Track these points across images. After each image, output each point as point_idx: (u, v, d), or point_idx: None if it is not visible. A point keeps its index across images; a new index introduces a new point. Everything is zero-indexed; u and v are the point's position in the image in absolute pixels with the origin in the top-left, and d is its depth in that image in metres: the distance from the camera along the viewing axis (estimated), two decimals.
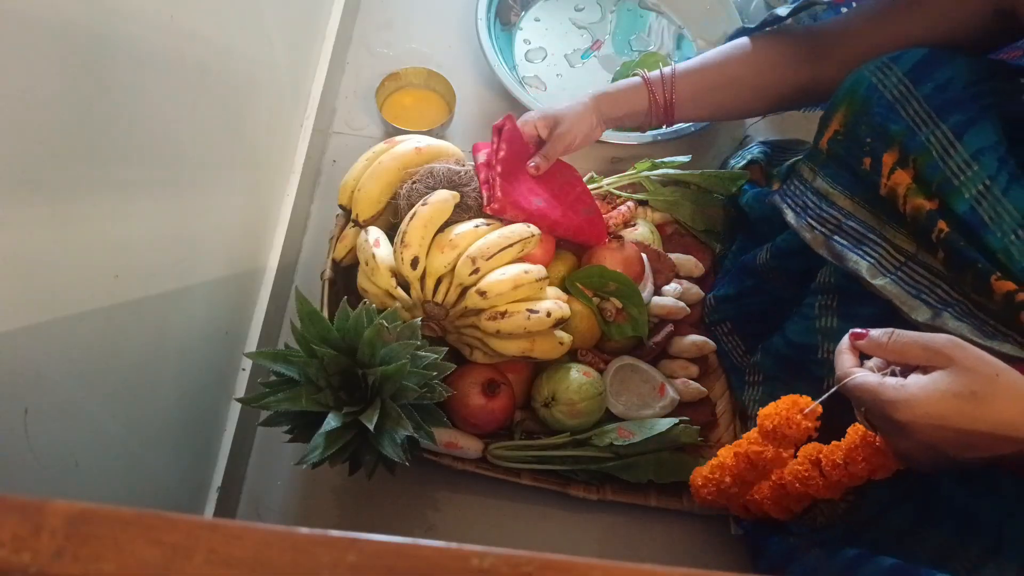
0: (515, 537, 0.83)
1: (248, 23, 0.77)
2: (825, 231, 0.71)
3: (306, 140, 0.99)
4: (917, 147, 0.63)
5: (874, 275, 0.66)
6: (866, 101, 0.66)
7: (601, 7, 1.23)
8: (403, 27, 1.18)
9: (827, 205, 0.71)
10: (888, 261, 0.67)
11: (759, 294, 0.84)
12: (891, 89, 0.65)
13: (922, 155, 0.63)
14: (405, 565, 0.27)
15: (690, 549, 0.83)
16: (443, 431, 0.78)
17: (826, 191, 0.71)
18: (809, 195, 0.73)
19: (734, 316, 0.88)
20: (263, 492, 0.85)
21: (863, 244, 0.68)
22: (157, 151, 0.61)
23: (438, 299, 0.77)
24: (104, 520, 0.26)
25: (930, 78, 0.64)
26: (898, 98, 0.65)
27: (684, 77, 0.85)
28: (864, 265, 0.67)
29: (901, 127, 0.64)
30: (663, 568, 0.28)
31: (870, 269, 0.67)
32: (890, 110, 0.65)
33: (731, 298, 0.87)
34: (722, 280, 0.91)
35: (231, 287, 0.82)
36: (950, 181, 0.61)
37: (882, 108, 0.65)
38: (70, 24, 0.47)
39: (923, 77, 0.64)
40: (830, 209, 0.71)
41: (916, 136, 0.63)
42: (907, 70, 0.65)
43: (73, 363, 0.53)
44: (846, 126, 0.68)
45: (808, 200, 0.73)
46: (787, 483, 0.66)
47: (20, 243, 0.45)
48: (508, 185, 0.80)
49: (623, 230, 0.93)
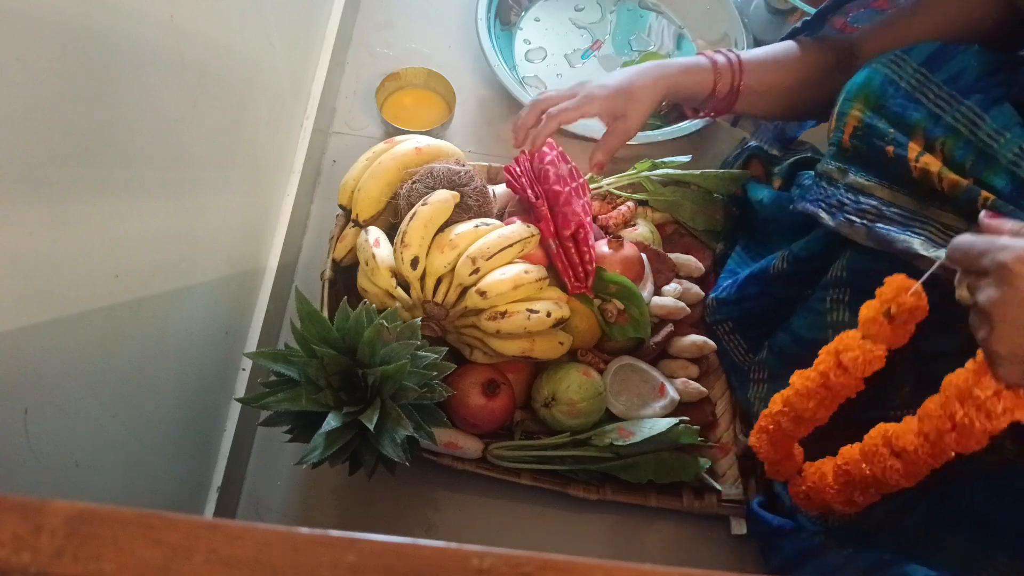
0: (515, 537, 0.83)
1: (248, 23, 0.77)
2: (866, 222, 0.69)
3: (306, 140, 0.99)
4: (944, 130, 0.63)
5: (927, 248, 0.64)
6: (882, 93, 0.66)
7: (601, 7, 1.23)
8: (403, 27, 1.18)
9: (865, 198, 0.69)
10: (938, 237, 0.65)
11: (762, 297, 0.84)
12: (908, 79, 0.65)
13: (950, 137, 0.62)
14: (405, 565, 0.27)
15: (690, 549, 0.83)
16: (443, 431, 0.78)
17: (861, 185, 0.70)
18: (842, 193, 0.71)
19: (735, 316, 0.88)
20: (263, 492, 0.85)
21: (909, 227, 0.66)
22: (157, 151, 0.61)
23: (438, 299, 0.77)
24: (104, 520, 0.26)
25: (945, 67, 0.64)
26: (916, 87, 0.64)
27: (750, 68, 0.83)
28: (916, 241, 0.65)
29: (922, 114, 0.64)
30: (663, 568, 0.28)
31: (923, 244, 0.65)
32: (909, 99, 0.65)
33: (732, 301, 0.87)
34: (724, 283, 0.90)
35: (231, 287, 0.82)
36: (984, 152, 0.61)
37: (900, 98, 0.65)
38: (70, 23, 0.47)
39: (938, 66, 0.64)
40: (869, 201, 0.69)
41: (940, 120, 0.63)
42: (922, 60, 0.65)
43: (73, 363, 0.53)
44: (864, 120, 0.68)
45: (843, 198, 0.71)
46: (852, 465, 0.61)
47: (20, 243, 0.45)
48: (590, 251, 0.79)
49: (623, 230, 0.93)
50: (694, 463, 0.81)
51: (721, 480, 0.83)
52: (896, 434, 0.57)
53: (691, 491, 0.82)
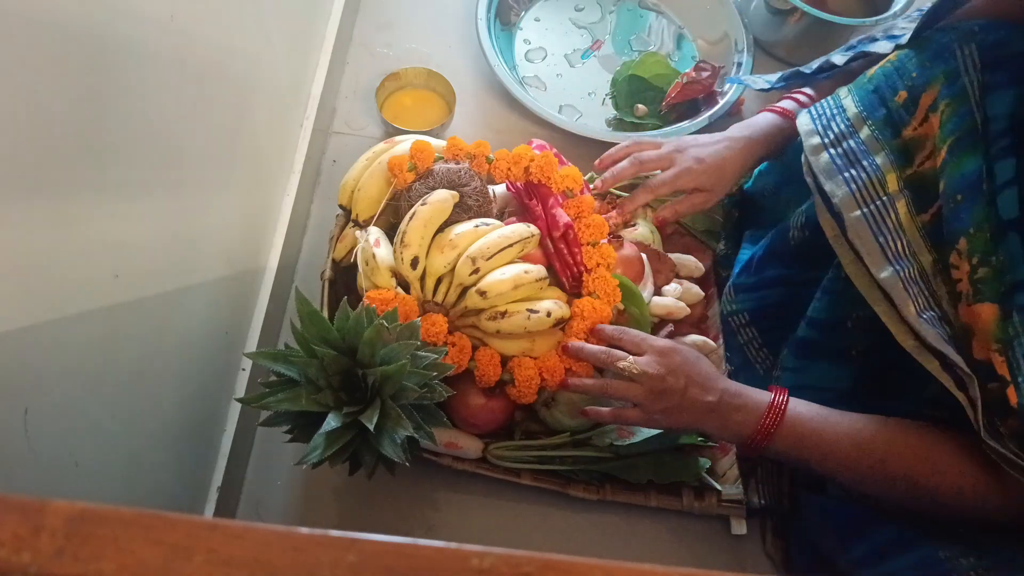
0: (515, 537, 0.83)
1: (248, 23, 0.77)
2: (825, 142, 0.69)
3: (306, 140, 0.99)
4: (954, 92, 0.63)
5: (849, 207, 0.65)
6: (928, 39, 0.67)
7: (601, 7, 1.23)
8: (403, 27, 1.18)
9: (841, 119, 0.70)
10: (868, 192, 0.66)
11: (779, 284, 0.83)
12: (960, 31, 0.65)
13: (955, 100, 0.62)
14: (405, 565, 0.27)
15: (690, 549, 0.83)
16: (443, 431, 0.78)
17: (847, 106, 0.70)
18: (831, 106, 0.72)
19: (752, 307, 0.87)
20: (263, 492, 0.85)
21: (853, 167, 0.67)
22: (157, 151, 0.61)
23: (438, 299, 0.77)
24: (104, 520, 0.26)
25: (993, 32, 0.64)
26: (959, 39, 0.64)
27: None
28: (840, 194, 0.66)
29: (950, 67, 0.64)
30: (663, 568, 0.28)
31: (846, 198, 0.66)
32: (945, 49, 0.65)
33: (751, 287, 0.87)
34: (740, 268, 0.90)
35: (231, 287, 0.82)
36: (973, 130, 0.61)
37: (939, 46, 0.65)
38: (70, 23, 0.47)
39: (989, 29, 0.64)
40: (842, 124, 0.70)
41: (958, 80, 0.63)
42: (981, 25, 0.65)
43: (73, 363, 0.53)
44: (899, 59, 0.68)
45: (829, 110, 0.72)
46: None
47: (20, 243, 0.45)
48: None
49: (623, 230, 0.93)
50: (694, 463, 0.81)
51: (721, 480, 0.83)
52: None
53: (691, 491, 0.82)
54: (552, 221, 0.82)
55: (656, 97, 1.10)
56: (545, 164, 0.83)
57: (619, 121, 1.11)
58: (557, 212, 0.82)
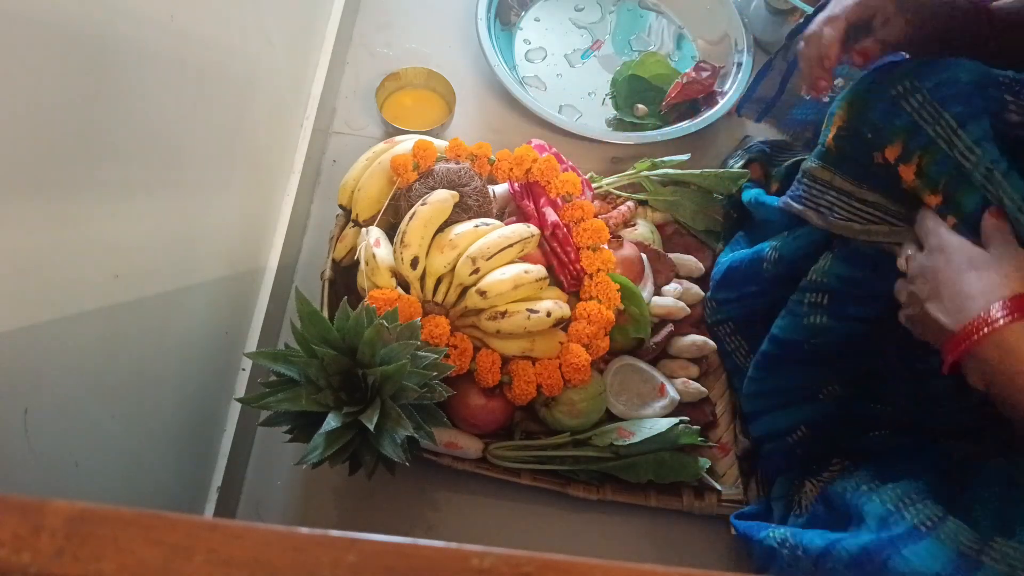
0: (515, 537, 0.83)
1: (248, 23, 0.77)
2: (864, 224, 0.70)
3: (306, 140, 0.99)
4: (923, 142, 0.62)
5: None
6: (866, 100, 0.66)
7: (601, 7, 1.23)
8: (403, 27, 1.18)
9: (858, 202, 0.70)
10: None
11: (761, 296, 0.84)
12: (895, 85, 0.64)
13: (929, 150, 0.62)
14: (405, 565, 0.27)
15: (690, 549, 0.83)
16: (443, 431, 0.78)
17: (850, 190, 0.70)
18: (832, 194, 0.71)
19: (736, 316, 0.87)
20: (263, 492, 0.85)
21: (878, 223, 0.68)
22: (157, 151, 0.61)
23: (438, 299, 0.77)
24: (104, 520, 0.26)
25: (934, 73, 0.63)
26: (901, 93, 0.64)
27: None
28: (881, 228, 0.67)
29: (904, 121, 0.63)
30: (663, 568, 0.28)
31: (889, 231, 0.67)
32: (893, 105, 0.64)
33: (732, 300, 0.87)
34: (720, 283, 0.90)
35: (231, 287, 0.82)
36: (960, 169, 0.61)
37: (884, 104, 0.65)
38: (70, 23, 0.47)
39: (927, 73, 0.63)
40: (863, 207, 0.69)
41: (921, 131, 0.63)
42: (911, 68, 0.64)
43: (73, 363, 0.53)
44: (848, 122, 0.68)
45: (832, 199, 0.71)
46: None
47: (20, 243, 0.45)
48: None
49: (623, 230, 0.93)
50: (694, 463, 0.81)
51: (721, 480, 0.83)
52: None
53: (691, 491, 0.82)
54: (542, 220, 0.82)
55: (656, 97, 1.10)
56: (547, 167, 0.83)
57: (619, 121, 1.11)
58: (546, 211, 0.83)
